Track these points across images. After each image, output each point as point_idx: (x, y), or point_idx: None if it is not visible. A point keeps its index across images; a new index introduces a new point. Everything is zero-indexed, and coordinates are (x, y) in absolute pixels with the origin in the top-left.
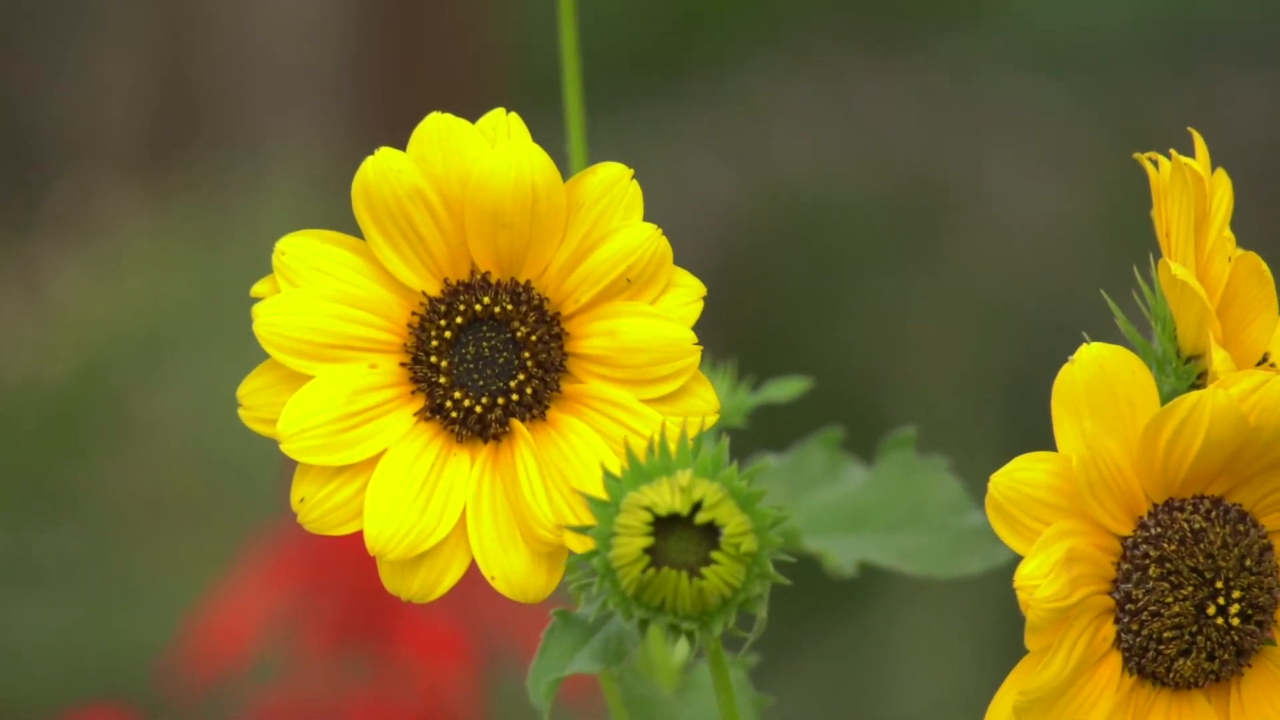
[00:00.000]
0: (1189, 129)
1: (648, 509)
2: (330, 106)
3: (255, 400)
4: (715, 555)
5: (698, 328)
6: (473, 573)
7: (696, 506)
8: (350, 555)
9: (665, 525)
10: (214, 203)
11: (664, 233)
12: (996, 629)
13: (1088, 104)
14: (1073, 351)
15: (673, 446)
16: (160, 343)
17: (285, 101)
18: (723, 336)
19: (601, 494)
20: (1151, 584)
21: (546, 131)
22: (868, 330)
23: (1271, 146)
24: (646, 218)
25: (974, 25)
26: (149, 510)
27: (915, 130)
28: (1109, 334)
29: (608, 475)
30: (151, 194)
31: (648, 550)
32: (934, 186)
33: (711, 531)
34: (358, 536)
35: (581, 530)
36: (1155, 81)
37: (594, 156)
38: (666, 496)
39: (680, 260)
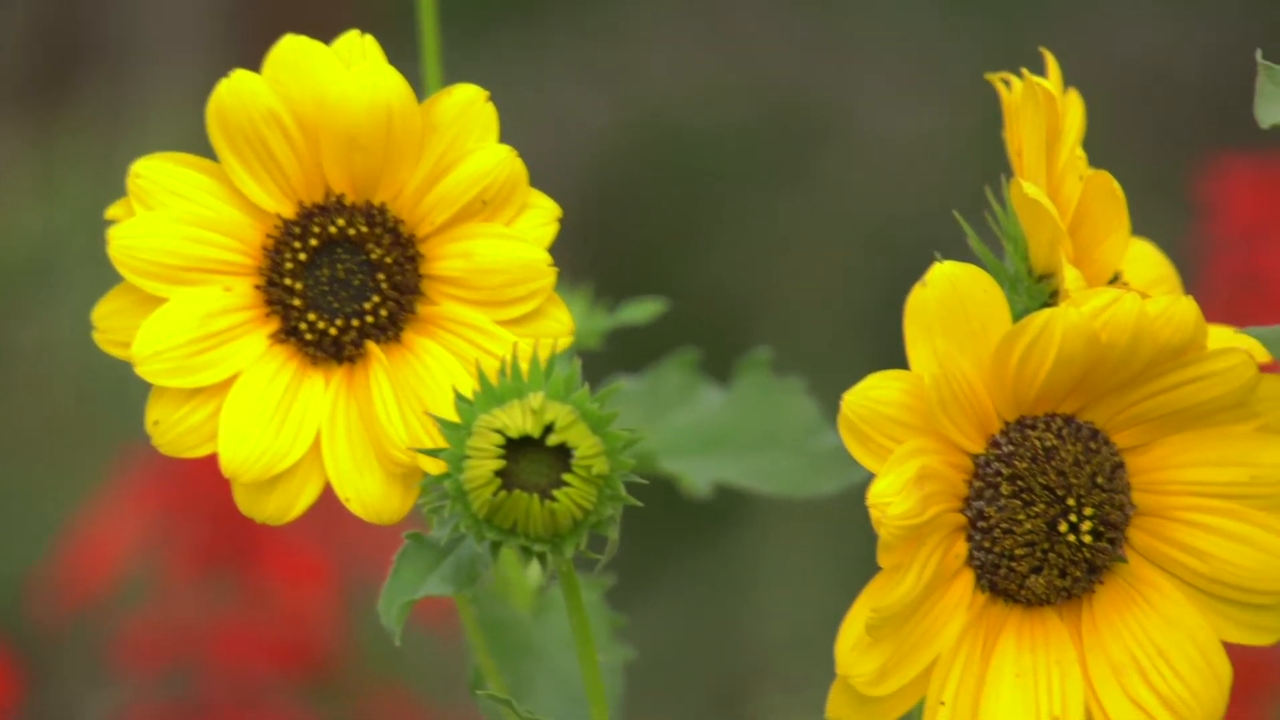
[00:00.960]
0: (1041, 50)
1: (499, 431)
2: (213, 38)
3: (110, 324)
4: (567, 478)
5: (561, 250)
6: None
7: (548, 429)
8: (215, 479)
9: (517, 448)
10: (99, 134)
11: (531, 157)
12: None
13: (960, 24)
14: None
15: (525, 368)
16: (44, 271)
17: (168, 34)
18: (592, 261)
19: (454, 416)
20: (1003, 501)
21: (414, 58)
22: (738, 254)
23: (1149, 66)
24: (514, 142)
25: None
26: (28, 436)
27: (786, 52)
28: (969, 254)
29: (459, 398)
30: (36, 127)
31: (499, 473)
32: (805, 109)
33: (563, 454)
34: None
35: (433, 453)
36: (1030, 4)
37: (459, 81)
38: (518, 419)
39: (549, 185)
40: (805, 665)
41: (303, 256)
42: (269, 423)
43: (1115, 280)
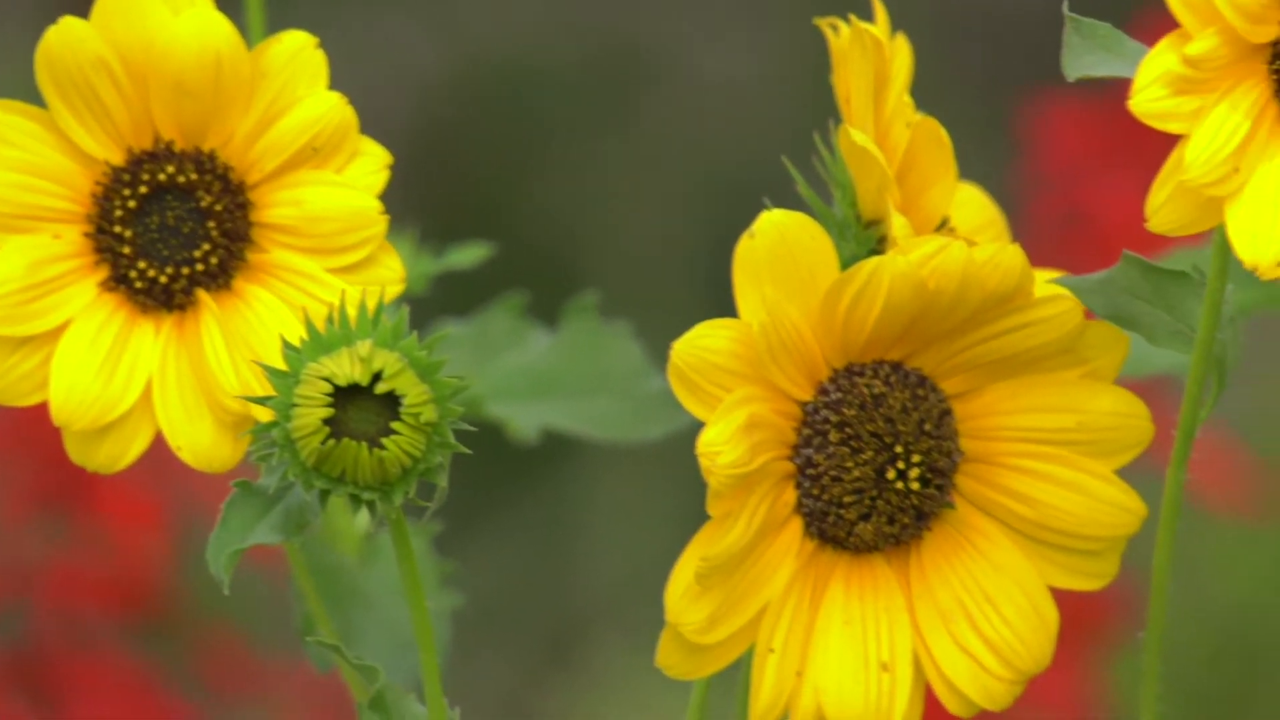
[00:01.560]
0: None
1: (327, 379)
2: None
3: None
4: (395, 425)
5: (388, 195)
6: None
7: (376, 376)
8: (47, 423)
9: (345, 395)
10: None
11: (358, 101)
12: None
13: None
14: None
15: (353, 315)
16: None
17: None
18: (419, 205)
19: (282, 365)
20: (832, 449)
21: (239, 5)
22: (566, 197)
23: (973, 5)
24: (342, 87)
25: None
26: None
27: None
28: (797, 200)
29: (287, 346)
30: None
31: (327, 421)
32: (634, 51)
33: (392, 401)
34: None
35: (261, 401)
36: None
37: (286, 27)
38: (345, 367)
39: (375, 128)
40: (637, 609)
41: (132, 204)
42: (99, 371)
43: (943, 226)
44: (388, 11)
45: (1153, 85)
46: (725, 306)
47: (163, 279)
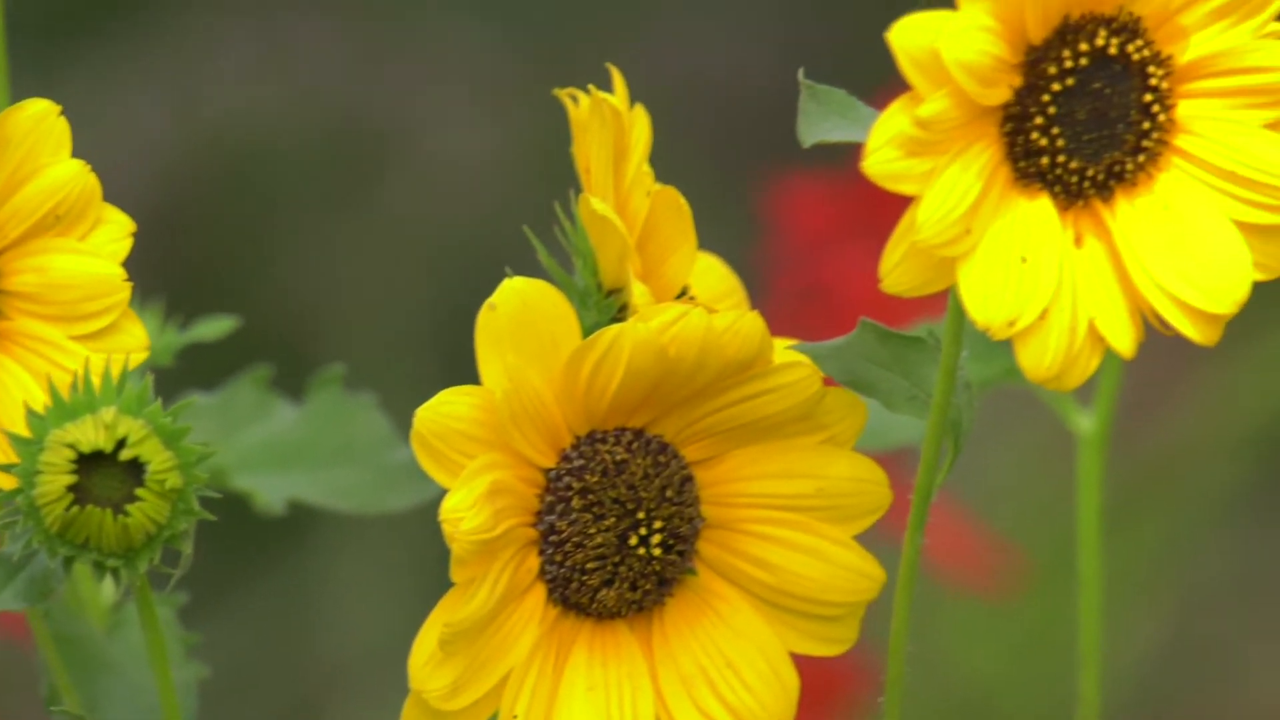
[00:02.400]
0: (608, 65)
1: (70, 446)
2: None
3: None
4: (140, 492)
5: (131, 267)
6: None
7: (120, 443)
8: None
9: (89, 462)
10: None
11: (101, 172)
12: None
13: (520, 38)
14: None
15: (97, 383)
16: None
17: None
18: (161, 279)
19: (26, 431)
20: (574, 515)
21: None
22: (311, 270)
23: (714, 79)
24: (85, 157)
25: None
26: None
27: (354, 72)
28: (540, 269)
29: (30, 412)
30: None
31: (71, 488)
32: (373, 128)
33: (136, 469)
34: None
35: (5, 469)
36: (591, 19)
37: (29, 96)
38: (90, 433)
39: (117, 201)
40: (383, 677)
41: None
42: None
43: (683, 295)
44: (128, 84)
45: (885, 147)
46: (470, 380)
47: None
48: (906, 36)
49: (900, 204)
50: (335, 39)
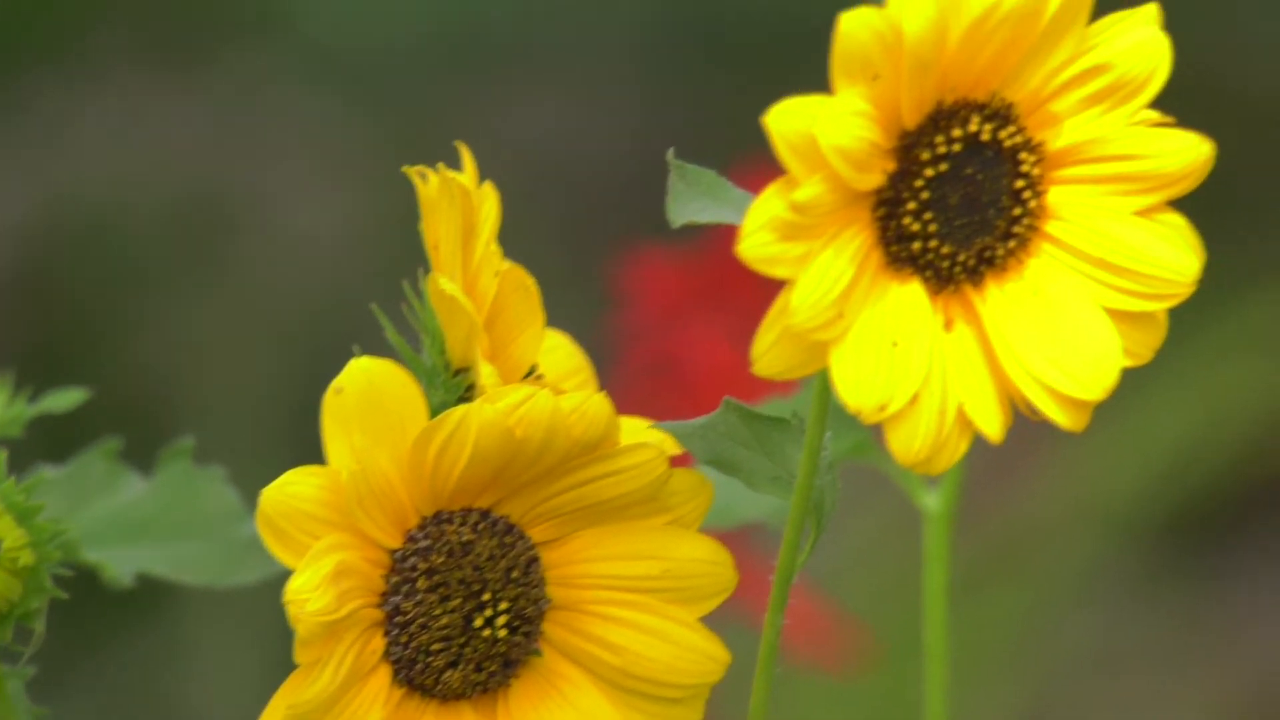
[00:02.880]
0: (457, 143)
1: None
2: None
3: None
4: None
5: None
6: None
7: None
8: None
9: None
10: None
11: None
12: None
13: (374, 118)
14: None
15: None
16: None
17: None
18: (15, 351)
19: None
20: (420, 596)
21: None
22: (162, 343)
23: (565, 155)
24: None
25: (260, 42)
26: None
27: (206, 146)
28: (388, 348)
29: None
30: None
31: None
32: (226, 202)
33: None
34: None
35: None
36: (441, 96)
37: None
38: None
39: None
40: None
41: None
42: None
43: (531, 374)
44: None
45: (760, 231)
46: (317, 455)
47: None
48: (783, 121)
49: (750, 279)
50: (192, 111)
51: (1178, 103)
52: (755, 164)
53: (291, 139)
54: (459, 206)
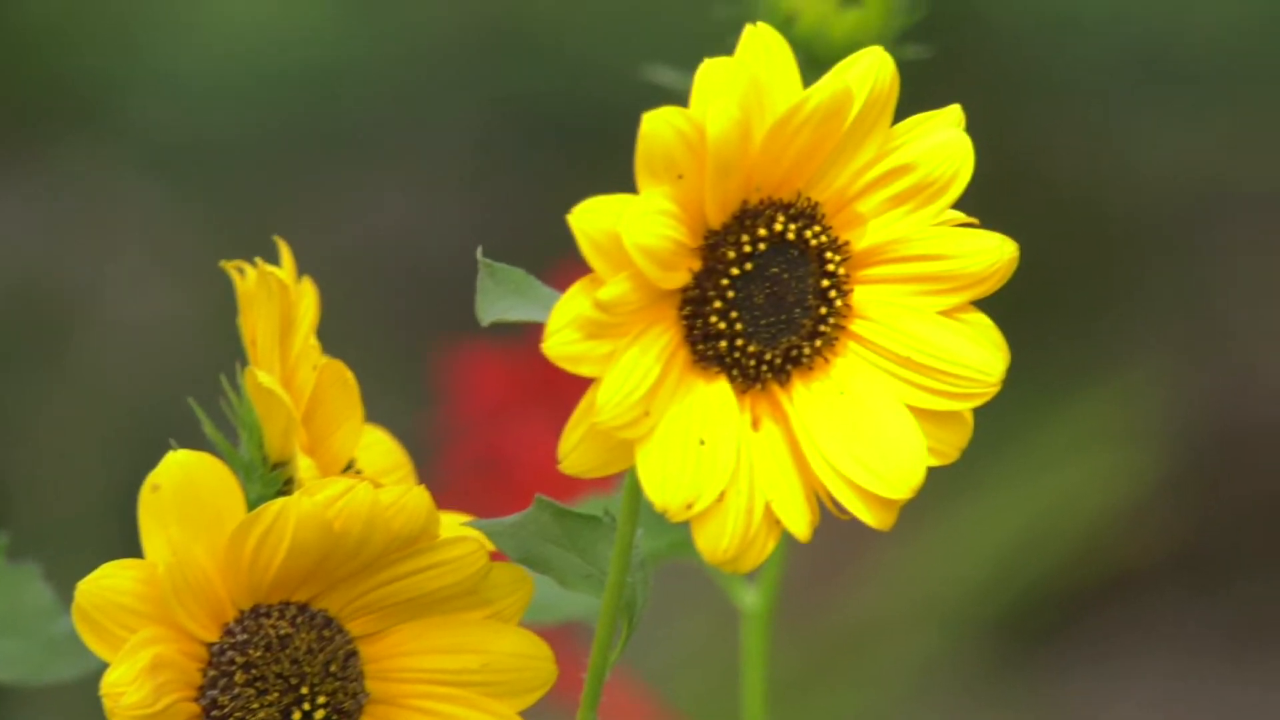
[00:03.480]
0: (275, 238)
1: None
2: None
3: None
4: None
5: None
6: None
7: None
8: None
9: None
10: None
11: None
12: None
13: (208, 210)
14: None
15: None
16: None
17: None
18: None
19: None
20: (237, 690)
21: None
22: None
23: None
24: None
25: (94, 133)
26: None
27: (37, 239)
28: (206, 441)
29: None
30: None
31: None
32: (60, 292)
33: None
34: None
35: None
36: (277, 187)
37: None
38: None
39: None
40: None
41: None
42: None
43: (350, 468)
44: None
45: (566, 329)
46: (140, 549)
47: None
48: (587, 220)
49: (577, 378)
50: (22, 204)
51: (1008, 201)
52: (582, 261)
53: (126, 231)
54: (277, 301)
